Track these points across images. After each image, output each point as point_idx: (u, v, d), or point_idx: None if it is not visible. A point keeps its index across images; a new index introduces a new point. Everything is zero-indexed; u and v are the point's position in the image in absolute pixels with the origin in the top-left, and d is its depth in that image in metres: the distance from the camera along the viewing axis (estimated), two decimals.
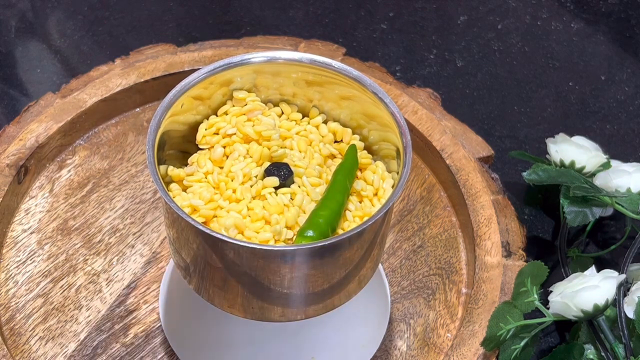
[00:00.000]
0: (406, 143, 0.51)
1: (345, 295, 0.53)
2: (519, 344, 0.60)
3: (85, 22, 0.86)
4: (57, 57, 0.83)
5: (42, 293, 0.65)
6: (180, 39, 0.84)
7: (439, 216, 0.71)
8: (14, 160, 0.69)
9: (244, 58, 0.55)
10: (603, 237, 0.72)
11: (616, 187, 0.66)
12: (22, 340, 0.62)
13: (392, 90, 0.75)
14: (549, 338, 0.66)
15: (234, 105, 0.56)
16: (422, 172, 0.74)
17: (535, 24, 0.90)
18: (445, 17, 0.90)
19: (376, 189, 0.54)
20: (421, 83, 0.82)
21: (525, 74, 0.85)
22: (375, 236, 0.51)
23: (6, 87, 0.80)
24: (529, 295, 0.61)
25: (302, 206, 0.51)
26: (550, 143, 0.71)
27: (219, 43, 0.78)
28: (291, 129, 0.56)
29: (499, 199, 0.69)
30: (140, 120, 0.76)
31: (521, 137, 0.79)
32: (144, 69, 0.75)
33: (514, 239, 0.67)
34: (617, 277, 0.60)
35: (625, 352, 0.59)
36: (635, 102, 0.83)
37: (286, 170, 0.52)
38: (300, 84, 0.56)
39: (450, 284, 0.67)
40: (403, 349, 0.63)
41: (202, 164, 0.53)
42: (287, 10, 0.89)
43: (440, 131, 0.73)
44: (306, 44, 0.79)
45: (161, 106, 0.52)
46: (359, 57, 0.79)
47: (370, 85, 0.53)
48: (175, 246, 0.53)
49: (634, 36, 0.89)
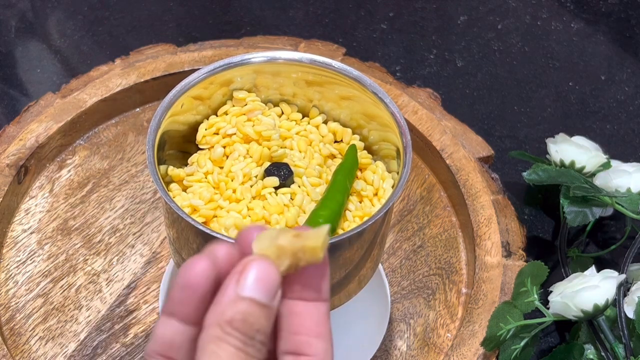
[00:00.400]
0: (406, 143, 0.51)
1: (345, 295, 0.53)
2: (519, 344, 0.60)
3: (85, 22, 0.86)
4: (57, 57, 0.83)
5: (42, 293, 0.65)
6: (180, 39, 0.84)
7: (439, 216, 0.71)
8: (14, 160, 0.69)
9: (244, 58, 0.54)
10: (603, 237, 0.72)
11: (616, 187, 0.66)
12: (22, 340, 0.62)
13: (392, 90, 0.75)
14: (549, 338, 0.66)
15: (234, 105, 0.56)
16: (422, 172, 0.74)
17: (535, 24, 0.90)
18: (445, 17, 0.90)
19: (376, 189, 0.54)
20: (421, 83, 0.82)
21: (525, 74, 0.85)
22: (375, 236, 0.51)
23: (6, 87, 0.80)
24: (529, 295, 0.60)
25: (302, 206, 0.51)
26: (550, 143, 0.71)
27: (219, 43, 0.78)
28: (291, 129, 0.56)
29: (499, 199, 0.69)
30: (140, 120, 0.76)
31: (521, 137, 0.79)
32: (144, 69, 0.75)
33: (514, 239, 0.67)
34: (617, 277, 0.60)
35: (625, 352, 0.59)
36: (635, 102, 0.83)
37: (286, 170, 0.52)
38: (300, 84, 0.56)
39: (450, 284, 0.67)
40: (403, 349, 0.63)
41: (202, 164, 0.53)
42: (287, 10, 0.89)
43: (440, 131, 0.73)
44: (306, 44, 0.79)
45: (161, 106, 0.52)
46: (359, 57, 0.79)
47: (370, 85, 0.53)
48: (175, 246, 0.53)
49: (634, 36, 0.89)
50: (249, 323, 0.32)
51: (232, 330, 0.32)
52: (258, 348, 0.33)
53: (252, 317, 0.32)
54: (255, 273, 0.33)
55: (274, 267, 0.33)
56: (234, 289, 0.33)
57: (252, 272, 0.33)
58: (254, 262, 0.33)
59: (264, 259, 0.33)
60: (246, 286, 0.33)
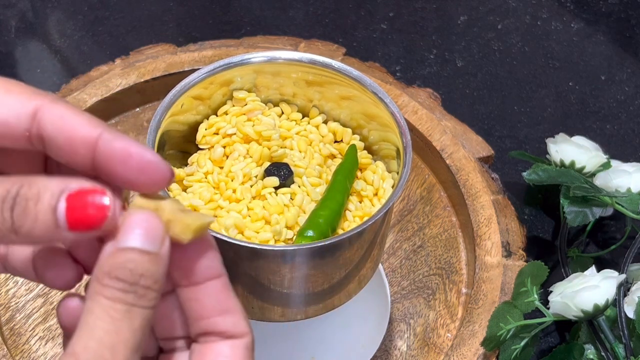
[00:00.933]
0: (406, 143, 0.51)
1: (345, 295, 0.53)
2: (519, 344, 0.60)
3: (85, 22, 0.86)
4: (57, 57, 0.83)
5: (42, 293, 0.65)
6: (180, 39, 0.84)
7: (439, 216, 0.71)
8: None
9: (244, 58, 0.54)
10: (603, 237, 0.72)
11: (616, 187, 0.66)
12: (22, 340, 0.62)
13: (392, 90, 0.75)
14: (549, 338, 0.66)
15: (234, 105, 0.56)
16: (422, 172, 0.74)
17: (535, 24, 0.90)
18: (445, 17, 0.90)
19: (376, 189, 0.54)
20: (421, 83, 0.82)
21: (525, 74, 0.85)
22: (375, 236, 0.51)
23: None
24: (529, 295, 0.60)
25: (302, 206, 0.51)
26: (550, 143, 0.71)
27: (219, 43, 0.78)
28: (291, 129, 0.56)
29: (499, 199, 0.69)
30: (140, 120, 0.76)
31: (521, 137, 0.79)
32: (144, 69, 0.75)
33: (514, 239, 0.66)
34: (617, 277, 0.60)
35: (625, 352, 0.59)
36: (635, 102, 0.83)
37: (286, 170, 0.52)
38: (300, 84, 0.56)
39: (450, 284, 0.67)
40: (403, 349, 0.63)
41: (202, 164, 0.53)
42: (287, 10, 0.89)
43: (440, 131, 0.72)
44: (306, 44, 0.79)
45: (161, 106, 0.52)
46: (359, 57, 0.79)
47: (370, 85, 0.53)
48: None
49: (634, 36, 0.89)
50: (129, 269, 0.30)
51: (109, 281, 0.30)
52: (142, 293, 0.31)
53: (133, 264, 0.30)
54: (133, 222, 0.31)
55: (153, 215, 0.32)
56: (112, 243, 0.31)
57: (130, 222, 0.31)
58: (131, 214, 0.31)
59: (141, 210, 0.32)
60: (124, 238, 0.31)
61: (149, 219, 0.31)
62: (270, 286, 0.50)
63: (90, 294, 0.31)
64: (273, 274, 0.49)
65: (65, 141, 0.32)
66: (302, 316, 0.53)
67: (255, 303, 0.51)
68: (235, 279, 0.50)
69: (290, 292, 0.50)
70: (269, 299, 0.51)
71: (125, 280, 0.30)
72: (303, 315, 0.53)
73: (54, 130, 0.32)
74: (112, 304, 0.30)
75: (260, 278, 0.49)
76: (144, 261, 0.31)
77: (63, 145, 0.32)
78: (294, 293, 0.51)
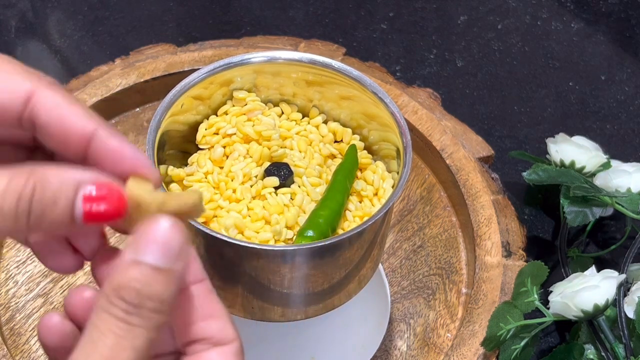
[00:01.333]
0: (406, 143, 0.51)
1: (345, 295, 0.53)
2: (519, 344, 0.60)
3: (85, 22, 0.86)
4: (57, 57, 0.83)
5: (42, 293, 0.65)
6: (180, 39, 0.84)
7: (439, 216, 0.71)
8: None
9: (244, 58, 0.54)
10: (603, 237, 0.72)
11: (616, 187, 0.66)
12: (22, 340, 0.62)
13: (392, 90, 0.75)
14: (549, 338, 0.66)
15: (234, 105, 0.56)
16: (422, 172, 0.74)
17: (535, 24, 0.90)
18: (445, 17, 0.90)
19: (376, 189, 0.54)
20: (421, 83, 0.82)
21: (525, 74, 0.85)
22: (375, 236, 0.51)
23: None
24: (529, 295, 0.60)
25: (302, 206, 0.51)
26: (550, 143, 0.71)
27: (219, 43, 0.78)
28: (291, 129, 0.56)
29: (499, 199, 0.69)
30: (140, 120, 0.76)
31: (521, 137, 0.79)
32: (144, 69, 0.75)
33: (514, 239, 0.66)
34: (617, 277, 0.60)
35: (625, 352, 0.59)
36: (635, 102, 0.83)
37: (286, 170, 0.52)
38: (300, 84, 0.56)
39: (450, 284, 0.67)
40: (403, 349, 0.63)
41: (202, 164, 0.53)
42: (287, 10, 0.89)
43: (440, 131, 0.72)
44: (306, 44, 0.79)
45: (161, 106, 0.52)
46: (359, 57, 0.79)
47: (370, 85, 0.53)
48: None
49: (634, 36, 0.89)
50: (136, 290, 0.30)
51: (115, 300, 0.30)
52: (147, 316, 0.30)
53: (140, 284, 0.30)
54: (151, 233, 0.30)
55: (176, 226, 0.31)
56: (129, 253, 0.30)
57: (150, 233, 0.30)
58: (154, 222, 0.30)
59: (165, 218, 0.31)
60: (140, 250, 0.30)
61: (167, 229, 0.31)
62: (270, 286, 0.50)
63: (97, 309, 0.30)
64: (273, 274, 0.49)
65: (58, 131, 0.32)
66: (302, 316, 0.53)
67: (255, 303, 0.51)
68: (235, 279, 0.50)
69: (290, 292, 0.50)
70: (269, 299, 0.51)
71: (130, 303, 0.30)
72: (303, 315, 0.53)
73: (48, 119, 0.32)
74: (116, 322, 0.30)
75: (260, 278, 0.49)
76: (152, 282, 0.30)
77: (56, 134, 0.32)
78: (294, 293, 0.51)
